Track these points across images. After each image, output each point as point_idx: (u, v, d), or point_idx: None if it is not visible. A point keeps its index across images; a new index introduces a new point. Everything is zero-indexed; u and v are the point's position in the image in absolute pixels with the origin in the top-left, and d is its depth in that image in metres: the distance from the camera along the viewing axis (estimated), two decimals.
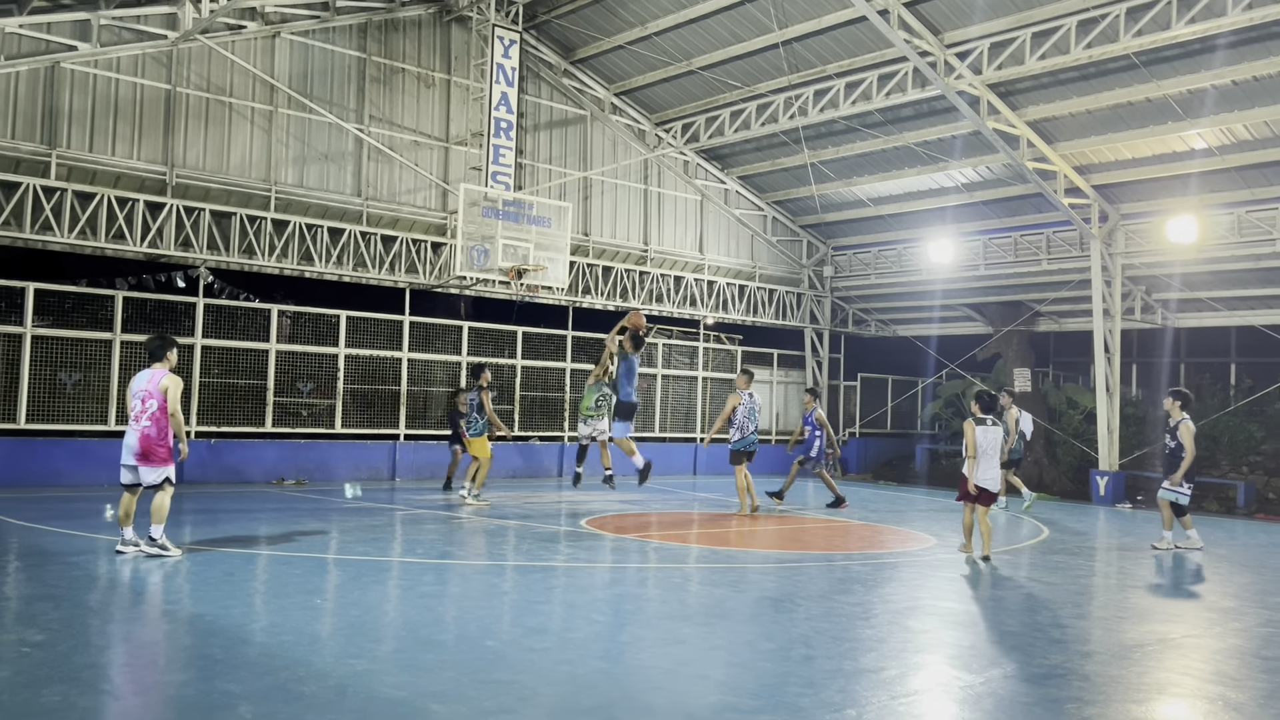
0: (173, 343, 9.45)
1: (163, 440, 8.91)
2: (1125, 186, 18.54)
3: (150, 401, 8.88)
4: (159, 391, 8.90)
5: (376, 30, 18.47)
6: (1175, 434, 11.96)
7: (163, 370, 9.08)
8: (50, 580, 7.76)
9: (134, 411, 8.94)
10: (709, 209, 23.12)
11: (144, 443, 8.85)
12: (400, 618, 7.06)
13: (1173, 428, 12.04)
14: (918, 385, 26.54)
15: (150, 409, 8.87)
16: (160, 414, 8.89)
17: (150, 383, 8.96)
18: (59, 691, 4.93)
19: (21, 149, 15.02)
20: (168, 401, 8.90)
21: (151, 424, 8.86)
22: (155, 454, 8.89)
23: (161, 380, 8.95)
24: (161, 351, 9.19)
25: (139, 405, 8.91)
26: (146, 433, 8.85)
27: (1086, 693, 5.68)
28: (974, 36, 16.09)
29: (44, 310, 15.51)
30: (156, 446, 8.88)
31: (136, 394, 8.97)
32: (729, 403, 14.34)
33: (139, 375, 9.13)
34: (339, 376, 18.02)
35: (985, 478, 10.32)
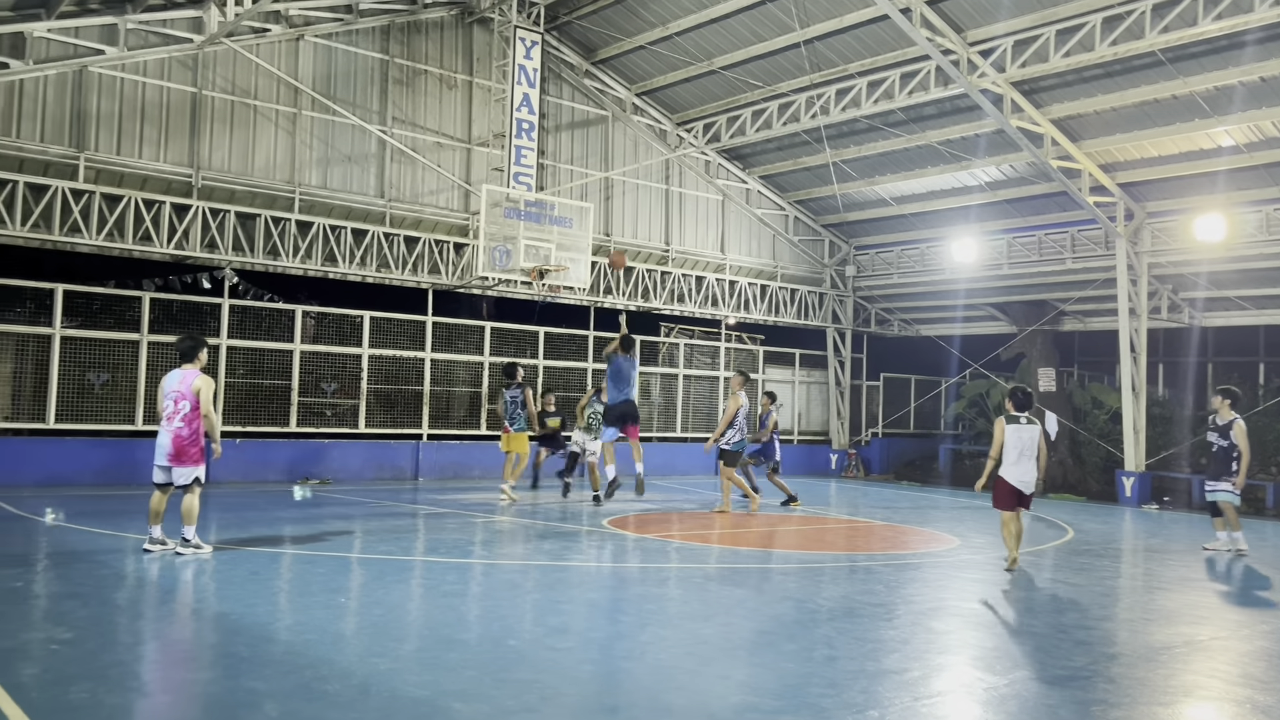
0: (204, 343, 9.50)
1: (195, 441, 8.99)
2: (1151, 184, 18.37)
3: (183, 403, 8.95)
4: (191, 392, 8.96)
5: (399, 32, 18.57)
6: (1228, 434, 11.76)
7: (194, 371, 9.13)
8: (78, 579, 7.85)
9: (166, 412, 8.99)
10: (730, 209, 23.09)
11: (177, 443, 8.93)
12: (423, 617, 7.10)
13: (1223, 427, 11.83)
14: (941, 385, 26.42)
15: (183, 410, 8.94)
16: (193, 415, 8.96)
17: (182, 383, 9.02)
18: (87, 689, 4.98)
19: (51, 152, 15.21)
20: (200, 403, 8.97)
21: (184, 425, 8.93)
22: (188, 454, 8.96)
23: (194, 382, 9.01)
24: (193, 352, 9.24)
25: (171, 406, 8.97)
26: (179, 433, 8.93)
27: (1112, 695, 5.64)
28: (997, 34, 15.99)
29: (72, 311, 15.69)
30: (189, 447, 8.96)
31: (168, 394, 9.02)
32: (733, 405, 14.06)
33: (170, 375, 9.16)
34: (362, 376, 18.13)
35: (1021, 479, 9.76)
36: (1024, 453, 9.76)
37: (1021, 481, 9.78)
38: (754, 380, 23.84)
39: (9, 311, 15.21)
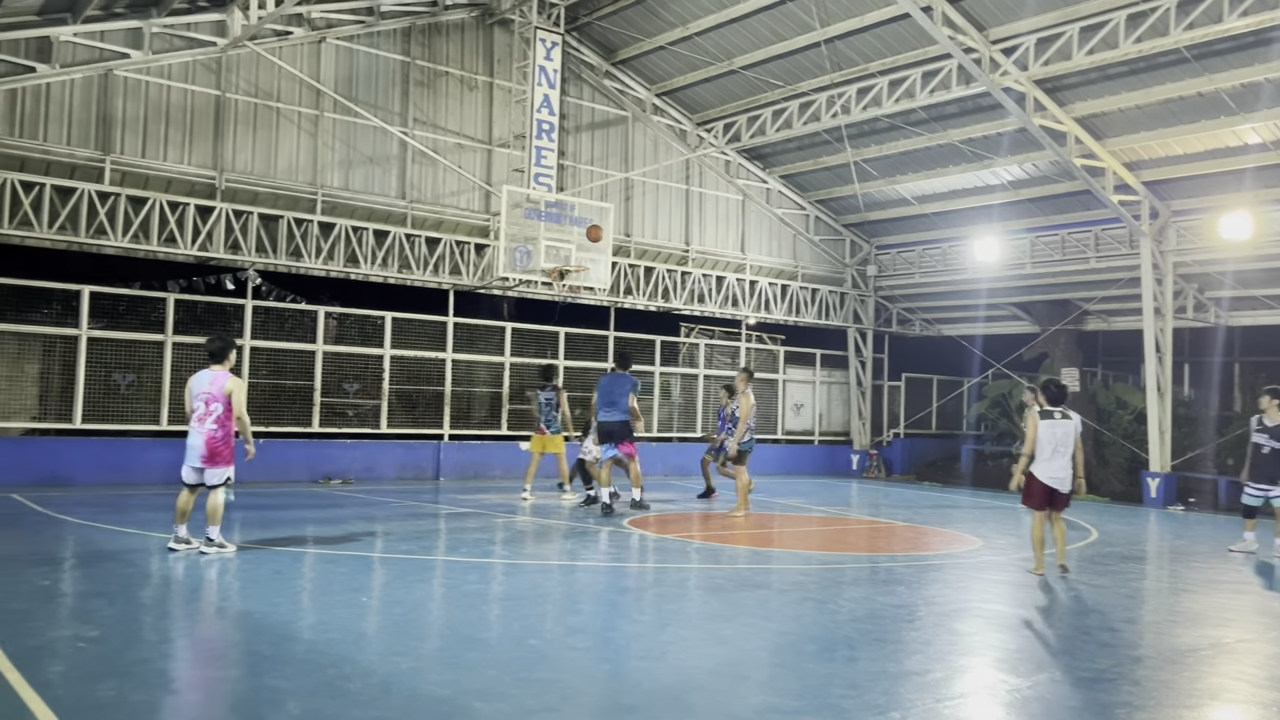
0: (233, 344, 9.49)
1: (227, 442, 9.04)
2: (1176, 183, 18.20)
3: (214, 405, 8.96)
4: (223, 395, 8.98)
5: (420, 34, 18.65)
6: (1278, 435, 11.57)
7: (224, 373, 9.12)
8: (104, 578, 7.93)
9: (197, 414, 8.98)
10: (751, 208, 23.05)
11: (210, 445, 8.96)
12: (444, 616, 7.12)
13: (1274, 428, 11.61)
14: (963, 385, 26.27)
15: (215, 412, 8.95)
16: (225, 416, 8.99)
17: (213, 385, 9.02)
18: (113, 686, 5.03)
19: (77, 155, 15.37)
20: (234, 405, 9.01)
21: (217, 426, 8.96)
22: (221, 455, 9.02)
23: (225, 384, 9.02)
24: (224, 353, 9.21)
25: (202, 408, 8.97)
26: (212, 435, 8.96)
27: (1137, 698, 5.59)
28: (1020, 32, 15.88)
29: (99, 312, 15.85)
30: (222, 448, 9.01)
31: (199, 395, 9.01)
32: (746, 405, 13.80)
33: (199, 376, 9.14)
34: (384, 377, 18.21)
35: (1054, 476, 9.39)
36: (1058, 449, 9.39)
37: (1054, 479, 9.42)
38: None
39: (37, 313, 15.39)
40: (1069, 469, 9.48)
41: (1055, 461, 9.42)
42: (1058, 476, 9.44)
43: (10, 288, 15.02)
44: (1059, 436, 9.41)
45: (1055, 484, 9.44)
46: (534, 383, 20.11)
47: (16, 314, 15.14)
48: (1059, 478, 9.44)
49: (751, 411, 13.82)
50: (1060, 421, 9.45)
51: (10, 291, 15.02)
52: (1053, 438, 9.40)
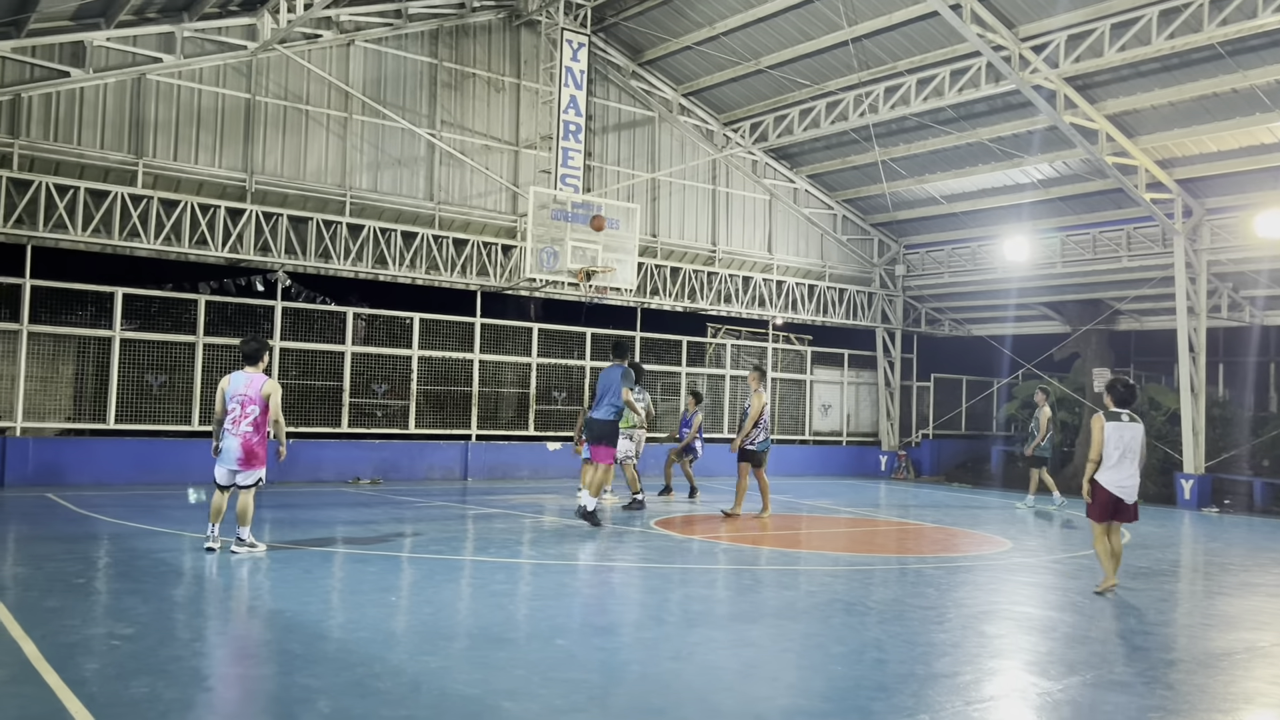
0: (268, 345, 9.51)
1: (262, 444, 9.08)
2: (1210, 180, 17.96)
3: (251, 407, 8.97)
4: (260, 397, 9.00)
5: (448, 36, 18.74)
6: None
7: (260, 375, 9.14)
8: (138, 576, 8.02)
9: (232, 415, 8.98)
10: (778, 208, 22.98)
11: (246, 447, 8.99)
12: (472, 616, 7.15)
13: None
14: (993, 386, 26.06)
15: (251, 414, 8.97)
16: (261, 419, 9.01)
17: (249, 387, 9.02)
18: (146, 683, 5.09)
19: (110, 158, 15.57)
20: (271, 408, 9.05)
21: (253, 429, 8.99)
22: (256, 457, 9.05)
23: (263, 386, 9.05)
24: (258, 354, 9.22)
25: (238, 410, 8.97)
26: (248, 437, 8.98)
27: (1170, 702, 5.52)
28: (1050, 29, 15.73)
29: (131, 314, 16.06)
30: (258, 449, 9.05)
31: (234, 397, 9.00)
32: (757, 404, 13.31)
33: (235, 378, 9.12)
34: (412, 378, 18.32)
35: (1120, 484, 8.58)
36: (1125, 454, 8.58)
37: (1120, 487, 8.59)
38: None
39: (72, 314, 15.60)
40: (1136, 476, 8.70)
41: (1122, 468, 8.61)
42: (1124, 485, 8.63)
43: (46, 290, 15.23)
44: (1126, 440, 8.60)
45: (1122, 493, 8.63)
46: (560, 384, 20.21)
47: (52, 316, 15.36)
48: (1126, 486, 8.64)
49: (763, 411, 13.31)
50: (1128, 424, 8.66)
51: (46, 294, 15.24)
52: (1120, 441, 8.58)
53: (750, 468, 13.44)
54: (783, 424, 23.61)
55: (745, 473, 13.41)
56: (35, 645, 5.69)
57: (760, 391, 13.46)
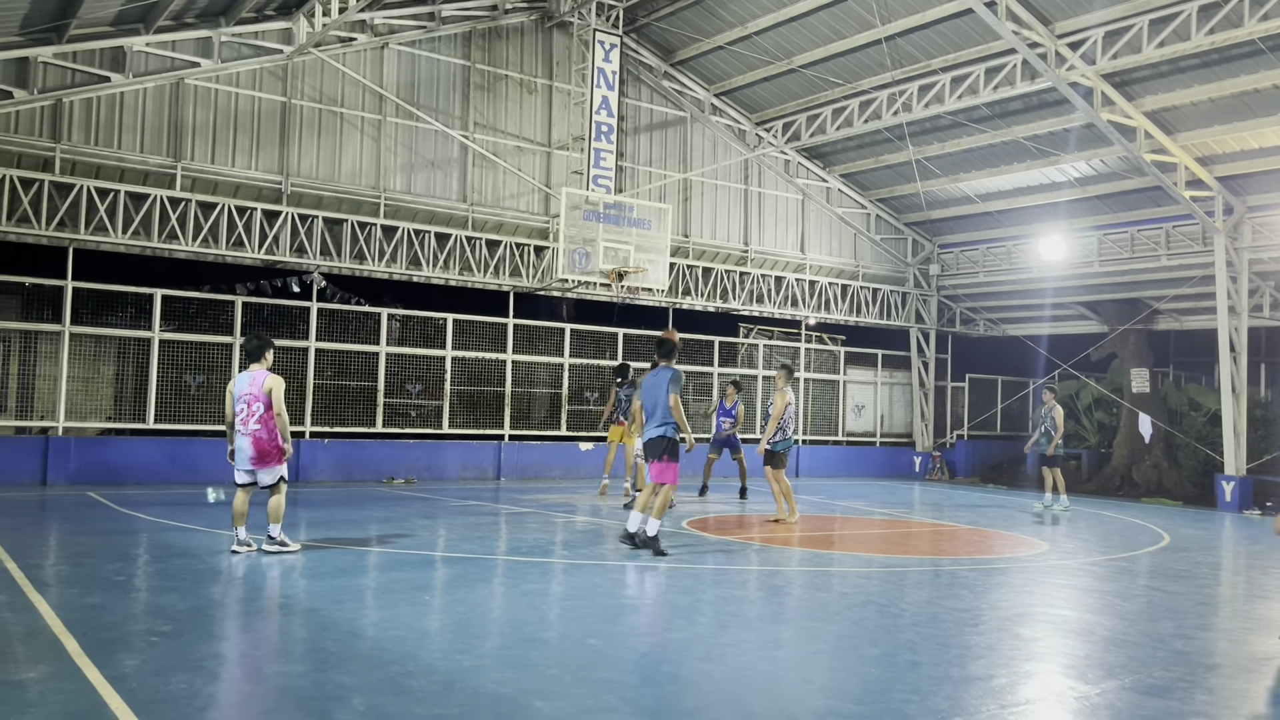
0: (270, 343, 9.44)
1: (274, 441, 9.02)
2: (1252, 178, 17.67)
3: (256, 405, 8.93)
4: (264, 394, 8.96)
5: (480, 38, 18.84)
6: None
7: (263, 371, 9.10)
8: (176, 574, 8.13)
9: (240, 416, 8.96)
10: (810, 208, 22.89)
11: (257, 446, 8.96)
12: (505, 615, 7.18)
13: None
14: (1028, 386, 25.79)
15: (257, 412, 8.92)
16: (267, 416, 8.96)
17: (253, 385, 8.99)
18: (184, 679, 5.16)
19: (150, 162, 15.80)
20: (273, 402, 8.98)
21: (261, 427, 8.95)
22: (270, 455, 9.02)
23: (265, 382, 8.99)
24: (260, 352, 9.21)
25: (244, 409, 8.94)
26: (258, 436, 8.96)
27: (1210, 707, 5.44)
28: (1087, 25, 15.55)
29: (170, 315, 16.28)
30: (270, 448, 9.00)
31: (240, 398, 8.98)
32: (780, 403, 12.84)
33: (239, 378, 9.13)
34: (446, 378, 18.43)
35: None
36: None
37: None
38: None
39: (112, 315, 15.84)
40: None
41: None
42: None
43: (87, 291, 15.49)
44: None
45: None
46: (591, 384, 20.25)
47: (93, 317, 15.61)
48: None
49: (785, 410, 12.81)
50: None
51: (87, 295, 15.49)
52: None
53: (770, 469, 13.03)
54: (815, 425, 23.51)
55: (776, 475, 13.05)
56: (77, 642, 5.79)
57: (785, 390, 13.02)
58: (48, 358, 15.32)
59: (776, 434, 12.86)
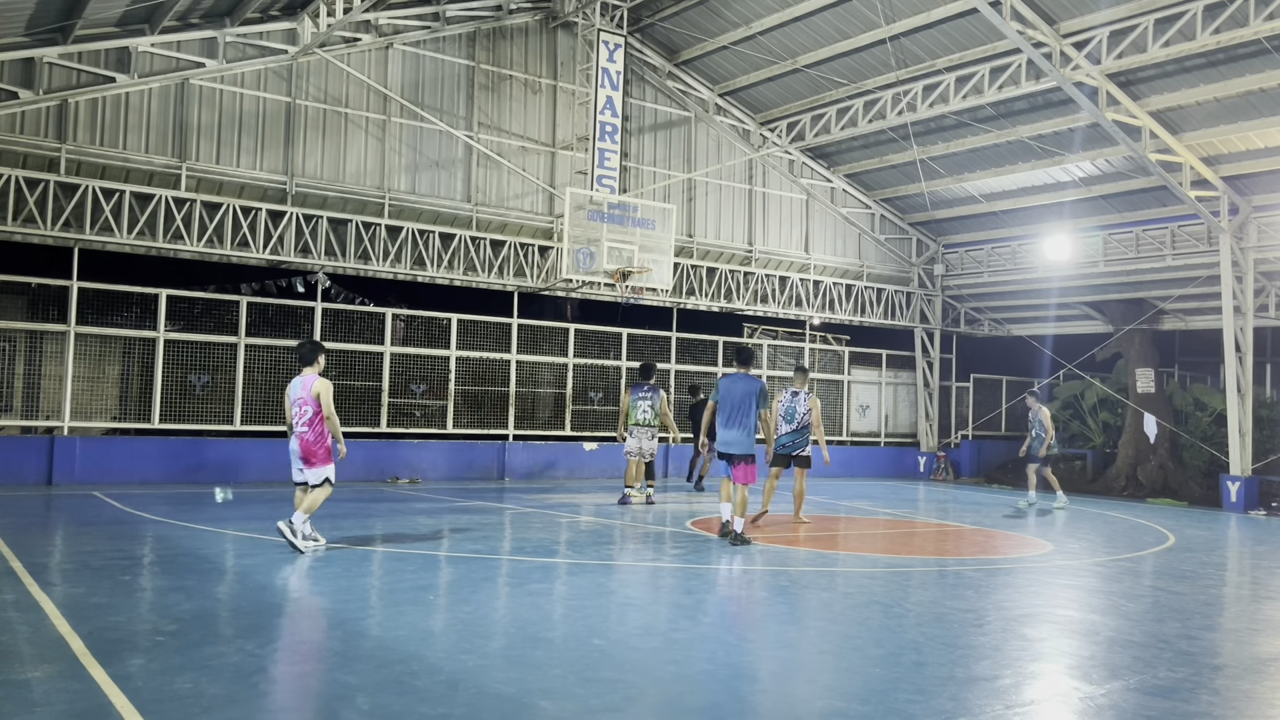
0: (321, 347, 9.77)
1: (320, 443, 9.35)
2: (1258, 177, 17.63)
3: (306, 407, 9.27)
4: (312, 397, 9.29)
5: (485, 39, 18.85)
6: None
7: (313, 375, 9.42)
8: (181, 573, 8.15)
9: (293, 419, 9.35)
10: (815, 208, 22.87)
11: (304, 447, 9.32)
12: (509, 615, 7.18)
13: None
14: (1033, 386, 25.74)
15: (306, 414, 9.27)
16: (315, 418, 9.28)
17: (304, 389, 9.32)
18: (190, 679, 5.17)
19: (155, 162, 15.82)
20: (322, 405, 9.30)
21: (309, 429, 9.28)
22: (316, 456, 9.35)
23: (314, 386, 9.32)
24: (312, 356, 9.54)
25: (296, 411, 9.31)
26: (305, 438, 9.30)
27: (1216, 708, 5.43)
28: (1092, 25, 15.52)
29: (175, 315, 16.31)
30: (316, 449, 9.33)
31: (294, 401, 9.34)
32: (817, 407, 13.11)
33: (293, 383, 9.46)
34: (450, 378, 18.44)
35: None
36: None
37: None
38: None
39: (117, 315, 15.87)
40: None
41: None
42: None
43: (92, 292, 15.52)
44: None
45: None
46: (596, 384, 20.25)
47: (98, 317, 15.64)
48: None
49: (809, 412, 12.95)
50: None
51: (93, 295, 15.53)
52: None
53: (781, 470, 13.09)
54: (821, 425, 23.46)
55: (801, 476, 13.10)
56: (82, 641, 5.80)
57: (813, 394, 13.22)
58: (53, 358, 15.36)
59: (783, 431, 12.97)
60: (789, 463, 13.06)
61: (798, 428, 12.96)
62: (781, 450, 13.05)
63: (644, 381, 15.00)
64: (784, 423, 13.04)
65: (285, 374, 16.86)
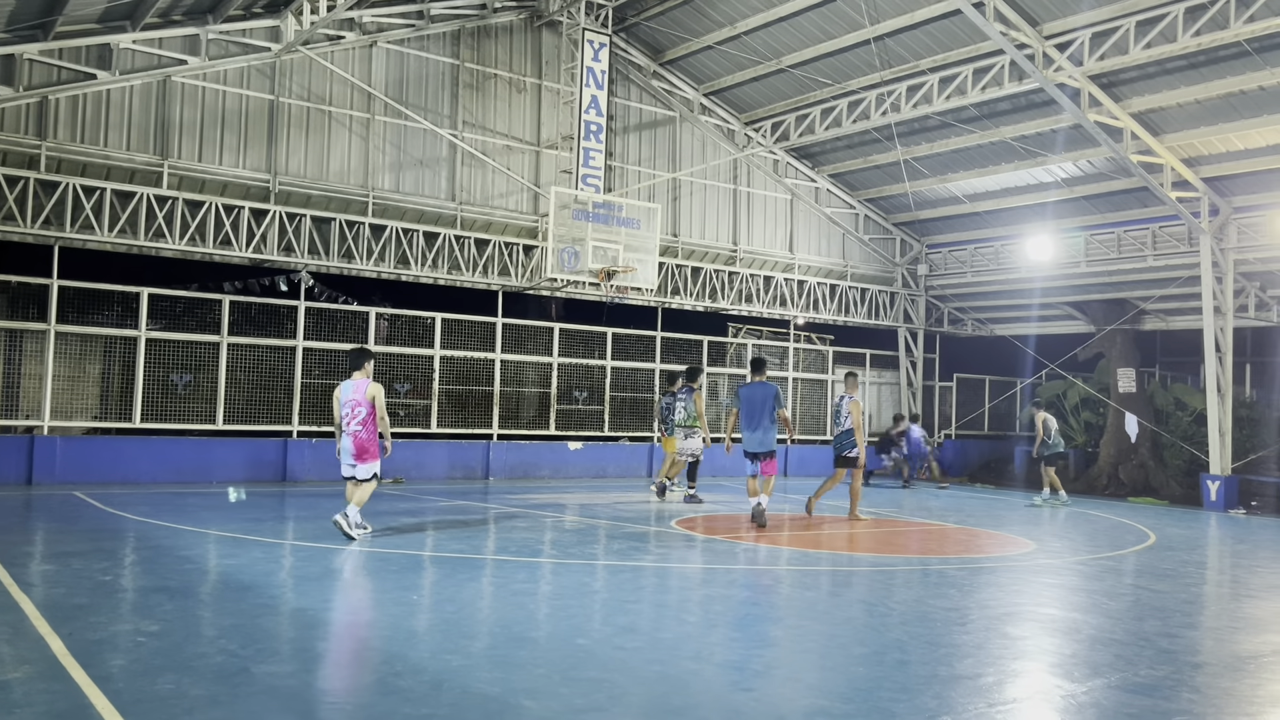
0: (370, 354, 10.79)
1: (372, 441, 10.21)
2: (1237, 179, 17.78)
3: (359, 409, 10.13)
4: (367, 400, 10.16)
5: (469, 37, 18.81)
6: None
7: (365, 380, 10.28)
8: (163, 573, 8.10)
9: (344, 418, 10.16)
10: (799, 208, 22.92)
11: (358, 444, 10.14)
12: (493, 614, 7.17)
13: None
14: (1016, 386, 25.89)
15: (360, 415, 10.12)
16: (369, 418, 10.14)
17: (357, 392, 10.18)
18: (172, 680, 5.14)
19: (136, 160, 15.72)
20: (376, 407, 10.16)
21: (362, 428, 10.14)
22: (368, 452, 10.19)
23: (368, 389, 10.20)
24: (360, 361, 10.44)
25: (349, 412, 10.15)
26: (359, 436, 10.13)
27: (1196, 705, 5.47)
28: (1075, 27, 15.63)
29: (157, 314, 16.20)
30: (369, 446, 10.18)
31: (346, 402, 10.18)
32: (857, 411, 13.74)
33: (345, 385, 10.31)
34: (434, 377, 18.39)
35: None
36: None
37: None
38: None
39: (98, 314, 15.76)
40: None
41: None
42: None
43: (73, 290, 15.40)
44: None
45: None
46: (580, 383, 20.24)
47: (79, 316, 15.53)
48: None
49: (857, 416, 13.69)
50: None
51: (73, 294, 15.41)
52: None
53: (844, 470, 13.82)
54: (804, 424, 23.56)
55: (855, 476, 13.84)
56: (62, 642, 5.76)
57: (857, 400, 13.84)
58: (33, 357, 15.24)
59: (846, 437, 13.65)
60: (845, 463, 13.77)
61: (845, 430, 13.68)
62: (836, 451, 13.86)
63: (687, 384, 15.71)
64: (835, 426, 13.96)
65: (268, 373, 16.81)
